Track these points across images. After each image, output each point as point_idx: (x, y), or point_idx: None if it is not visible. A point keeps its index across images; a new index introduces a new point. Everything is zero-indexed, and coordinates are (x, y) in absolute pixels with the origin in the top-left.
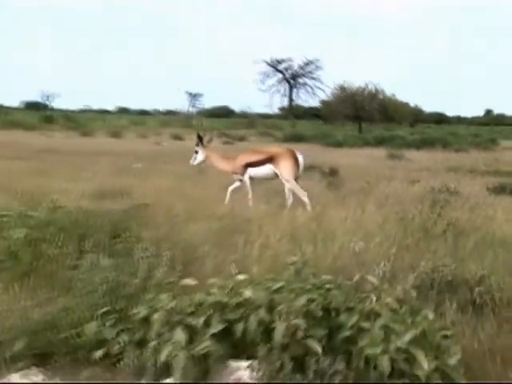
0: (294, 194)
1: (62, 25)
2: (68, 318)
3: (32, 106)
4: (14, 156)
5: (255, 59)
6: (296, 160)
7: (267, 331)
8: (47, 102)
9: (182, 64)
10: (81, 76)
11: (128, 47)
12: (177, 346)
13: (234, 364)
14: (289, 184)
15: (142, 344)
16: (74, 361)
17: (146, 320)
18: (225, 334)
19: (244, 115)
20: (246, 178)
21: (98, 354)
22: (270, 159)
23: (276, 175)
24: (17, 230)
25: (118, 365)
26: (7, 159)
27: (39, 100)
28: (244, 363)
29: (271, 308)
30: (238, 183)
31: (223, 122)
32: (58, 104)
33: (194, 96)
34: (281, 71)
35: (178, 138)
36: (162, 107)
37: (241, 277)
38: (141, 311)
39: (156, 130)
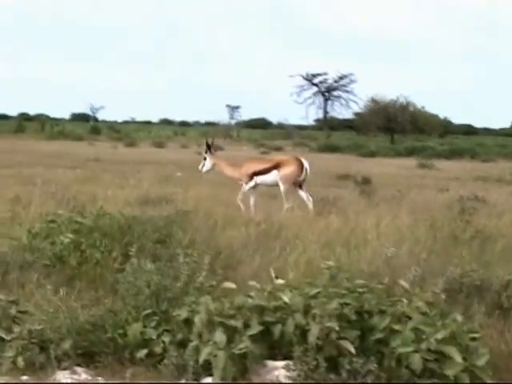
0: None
1: (110, 41)
2: (113, 319)
3: (79, 118)
4: (63, 165)
5: (291, 73)
6: (301, 166)
7: (303, 333)
8: (94, 114)
9: (222, 77)
10: (126, 89)
11: (170, 61)
12: (217, 346)
13: (271, 364)
14: (283, 187)
15: (183, 344)
16: (118, 360)
17: (188, 321)
18: (263, 335)
19: (281, 126)
20: (250, 184)
21: (142, 353)
22: (275, 166)
23: None
24: (64, 236)
25: (160, 364)
26: (57, 168)
27: (87, 112)
28: (280, 363)
29: (307, 312)
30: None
31: (261, 133)
32: (103, 116)
33: (233, 108)
34: (316, 84)
35: (217, 148)
36: (202, 119)
37: (279, 281)
38: (182, 313)
39: (197, 141)
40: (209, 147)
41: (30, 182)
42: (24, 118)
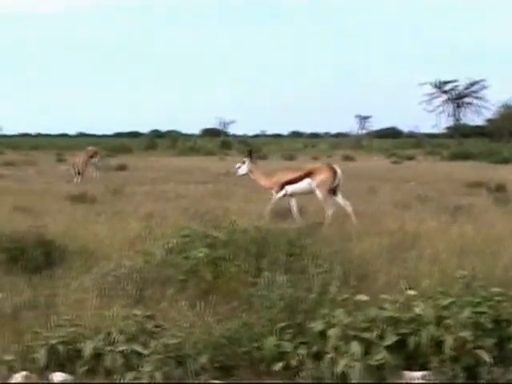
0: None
1: (238, 59)
2: (248, 332)
3: (210, 133)
4: (195, 180)
5: (420, 81)
6: (334, 172)
7: (438, 343)
8: (224, 129)
9: (351, 88)
10: (256, 103)
11: (298, 74)
12: (353, 357)
13: (408, 374)
14: (320, 194)
15: (319, 356)
16: (254, 373)
17: (323, 333)
18: (398, 346)
19: (411, 135)
20: (281, 194)
21: (278, 366)
22: (308, 174)
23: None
24: (198, 250)
25: (297, 376)
26: (189, 183)
27: (217, 127)
28: (418, 373)
29: (440, 322)
30: (293, 201)
31: (392, 142)
32: (234, 130)
33: (363, 118)
34: (446, 92)
35: (348, 158)
36: (332, 130)
37: (411, 292)
38: (317, 325)
39: (327, 152)
40: (250, 154)
41: (164, 197)
42: (156, 134)
